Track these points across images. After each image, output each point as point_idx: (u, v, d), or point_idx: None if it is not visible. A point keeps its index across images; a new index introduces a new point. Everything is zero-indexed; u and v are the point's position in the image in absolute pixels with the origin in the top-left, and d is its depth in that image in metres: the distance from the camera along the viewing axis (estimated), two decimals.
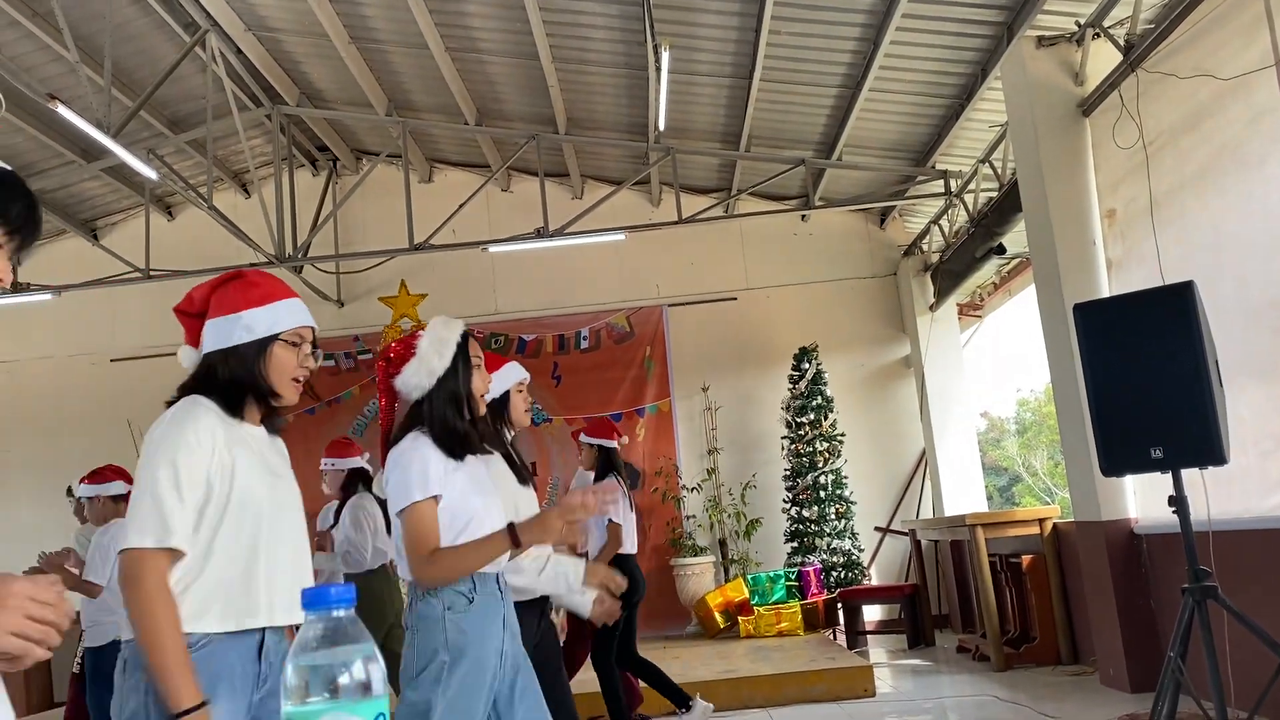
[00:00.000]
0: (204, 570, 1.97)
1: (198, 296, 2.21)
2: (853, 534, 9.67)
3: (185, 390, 2.13)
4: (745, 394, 10.59)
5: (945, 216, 9.50)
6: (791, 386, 10.07)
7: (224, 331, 2.13)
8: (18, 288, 9.25)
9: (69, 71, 7.81)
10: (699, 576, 9.90)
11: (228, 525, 2.00)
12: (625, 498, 5.46)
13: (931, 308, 10.18)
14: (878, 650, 8.75)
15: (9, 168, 1.50)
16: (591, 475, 5.53)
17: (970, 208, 8.68)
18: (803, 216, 10.62)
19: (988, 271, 9.61)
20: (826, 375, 9.99)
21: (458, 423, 2.61)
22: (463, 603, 2.47)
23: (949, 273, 9.48)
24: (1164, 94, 5.38)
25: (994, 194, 8.22)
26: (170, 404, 2.11)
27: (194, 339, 2.20)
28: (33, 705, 8.84)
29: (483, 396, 2.72)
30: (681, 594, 9.87)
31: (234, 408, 2.10)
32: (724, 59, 7.94)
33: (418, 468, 2.50)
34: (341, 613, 0.93)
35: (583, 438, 5.53)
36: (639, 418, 10.60)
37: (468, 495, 2.55)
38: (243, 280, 2.20)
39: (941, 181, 9.01)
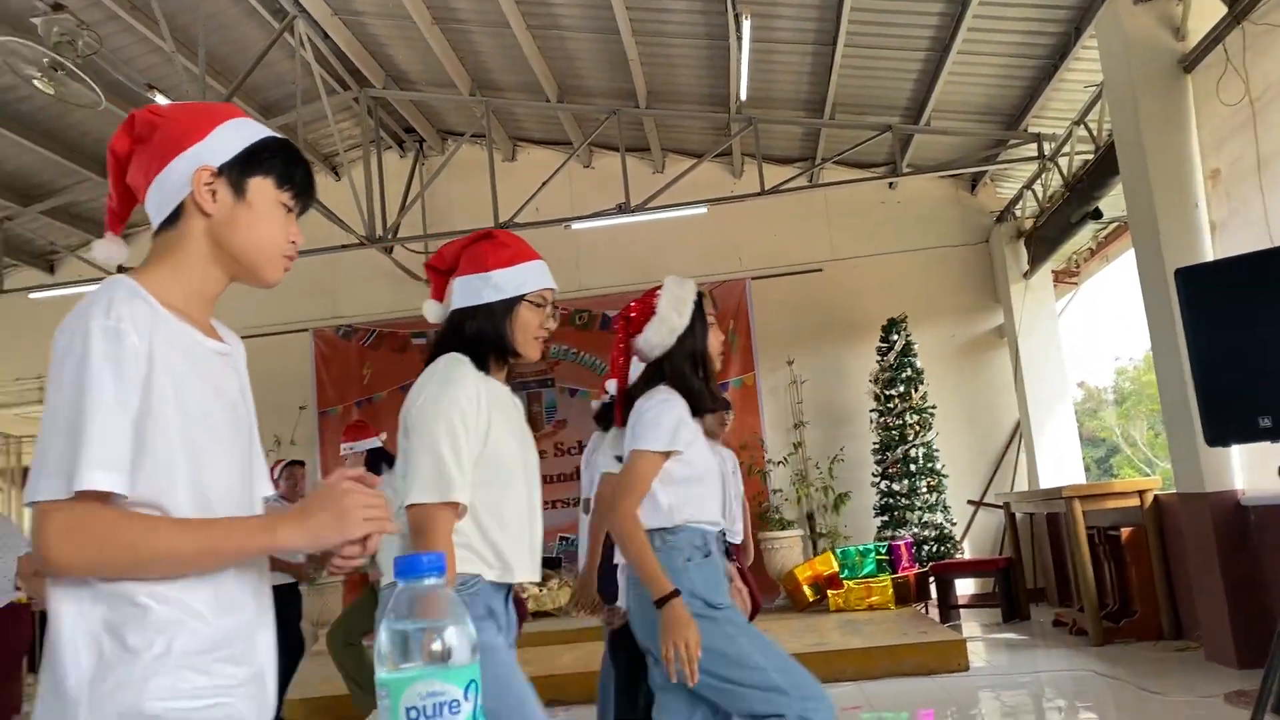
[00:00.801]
0: (466, 523, 2.06)
1: (448, 253, 2.30)
2: (945, 507, 9.52)
3: (441, 347, 2.19)
4: (832, 367, 10.47)
5: (1039, 181, 9.23)
6: (880, 359, 9.93)
7: (473, 289, 2.20)
8: (123, 271, 9.60)
9: (165, 61, 8.05)
10: (787, 550, 9.86)
11: (487, 482, 2.08)
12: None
13: (1025, 275, 9.91)
14: (971, 624, 8.62)
15: (282, 136, 1.57)
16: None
17: (1065, 171, 8.42)
18: (890, 184, 10.42)
19: (1084, 237, 9.32)
20: (916, 347, 9.82)
21: (695, 380, 2.66)
22: (699, 555, 2.57)
23: (1043, 239, 9.21)
24: (1272, 46, 5.13)
25: (1090, 157, 7.95)
26: (428, 360, 2.18)
27: (440, 294, 2.30)
28: None
29: (717, 355, 2.76)
30: (769, 567, 9.85)
31: (480, 364, 2.15)
32: (806, 25, 7.81)
33: (671, 420, 2.56)
34: (433, 580, 0.94)
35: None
36: (723, 392, 10.56)
37: (707, 456, 2.64)
38: (493, 240, 2.27)
39: (1035, 145, 8.75)
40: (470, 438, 2.04)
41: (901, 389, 9.69)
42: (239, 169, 1.50)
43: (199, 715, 1.31)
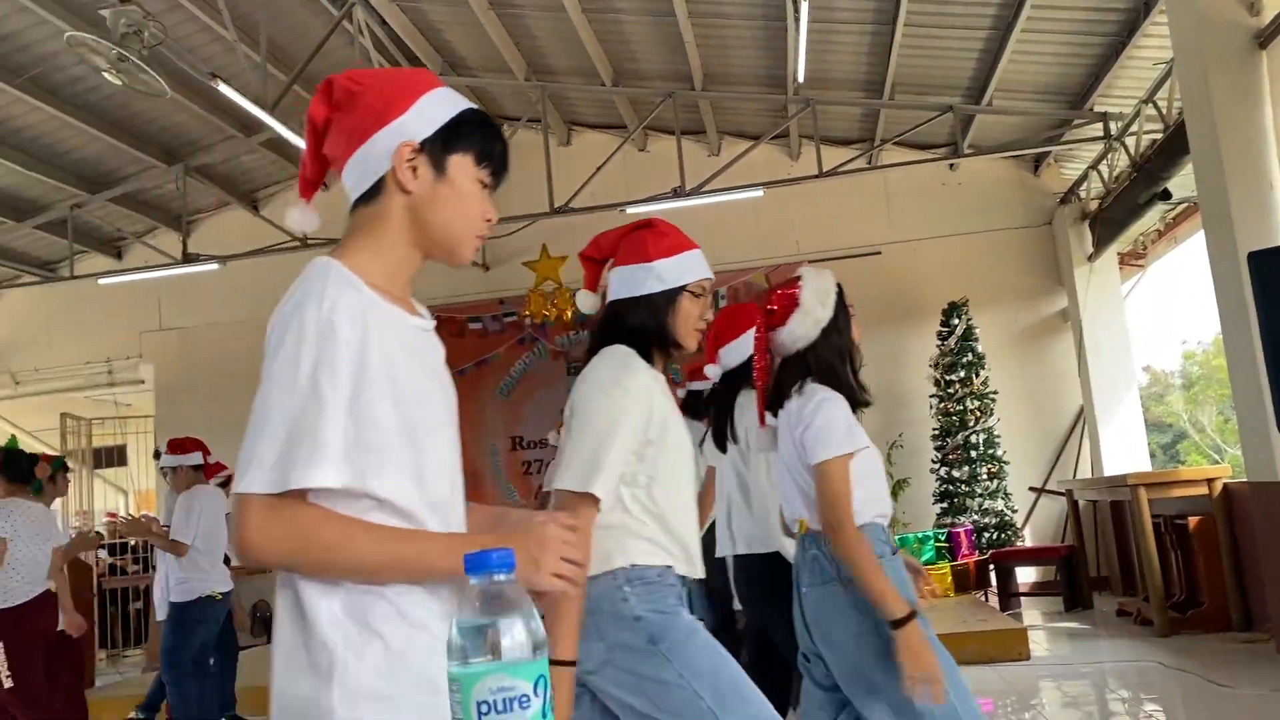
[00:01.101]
0: (650, 516, 2.03)
1: (605, 242, 2.26)
2: (1005, 494, 9.38)
3: (604, 337, 2.15)
4: (890, 351, 10.35)
5: (1105, 161, 9.00)
6: (940, 343, 9.79)
7: (635, 279, 2.16)
8: (188, 258, 9.81)
9: (227, 50, 8.17)
10: None
11: (666, 475, 2.05)
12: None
13: (1090, 258, 9.70)
14: (1032, 613, 8.49)
15: (480, 109, 1.54)
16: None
17: (1132, 151, 8.20)
18: (950, 165, 10.25)
19: (1151, 218, 9.08)
20: (978, 331, 9.66)
21: (845, 373, 2.58)
22: (888, 552, 2.50)
23: (1109, 221, 8.99)
24: None
25: (1158, 136, 7.73)
26: (590, 351, 2.15)
27: (593, 283, 2.26)
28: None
29: (858, 349, 2.67)
30: None
31: (643, 356, 2.11)
32: (865, 4, 7.69)
33: (844, 420, 2.46)
34: (502, 577, 0.94)
35: None
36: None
37: (875, 449, 2.58)
38: (654, 229, 2.22)
39: (1101, 124, 8.54)
40: (633, 433, 2.00)
41: (962, 374, 9.54)
42: (440, 145, 1.46)
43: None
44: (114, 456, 13.31)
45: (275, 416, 1.29)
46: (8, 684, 4.81)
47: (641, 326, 2.13)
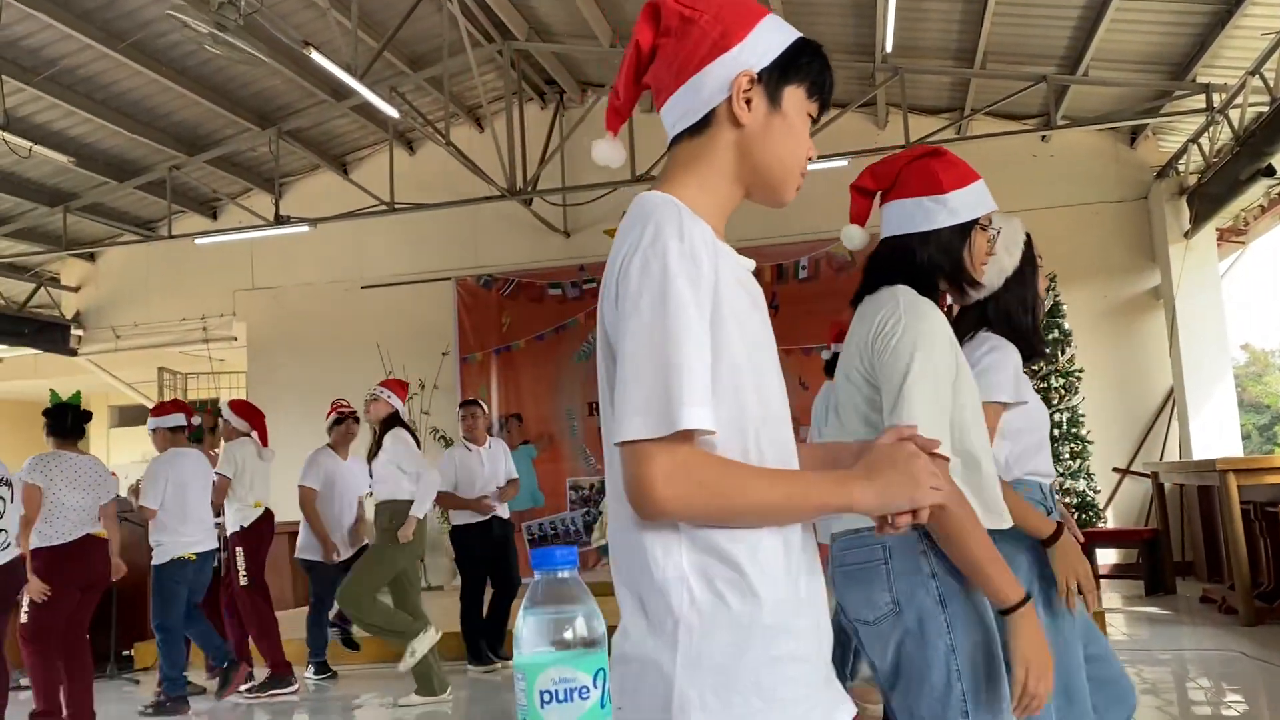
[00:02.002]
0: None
1: (882, 172, 2.09)
2: (1088, 474, 9.18)
3: (882, 274, 1.99)
4: None
5: (1206, 135, 8.67)
6: None
7: (924, 212, 1.99)
8: (280, 220, 10.07)
9: (320, 17, 8.33)
10: None
11: (964, 429, 1.92)
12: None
13: (1186, 234, 9.38)
14: (1111, 596, 8.34)
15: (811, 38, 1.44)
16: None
17: (1236, 125, 7.89)
18: (1042, 137, 9.98)
19: (1254, 194, 8.73)
20: (1065, 307, 9.43)
21: (1025, 323, 2.45)
22: (1043, 511, 2.42)
23: (1208, 196, 8.68)
24: None
25: (1264, 109, 7.43)
26: (865, 289, 2.01)
27: (863, 217, 2.09)
28: (299, 599, 9.83)
29: (1041, 301, 2.56)
30: None
31: (930, 295, 1.95)
32: None
33: (1011, 368, 2.32)
34: (565, 573, 0.99)
35: None
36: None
37: (1041, 405, 2.47)
38: (943, 158, 2.06)
39: (1203, 96, 8.22)
40: (946, 381, 1.85)
41: (1048, 351, 9.35)
42: (777, 76, 1.36)
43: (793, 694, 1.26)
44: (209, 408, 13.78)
45: (646, 355, 1.21)
46: (23, 619, 5.08)
47: (931, 263, 1.96)
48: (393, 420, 6.01)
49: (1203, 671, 5.60)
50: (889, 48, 7.73)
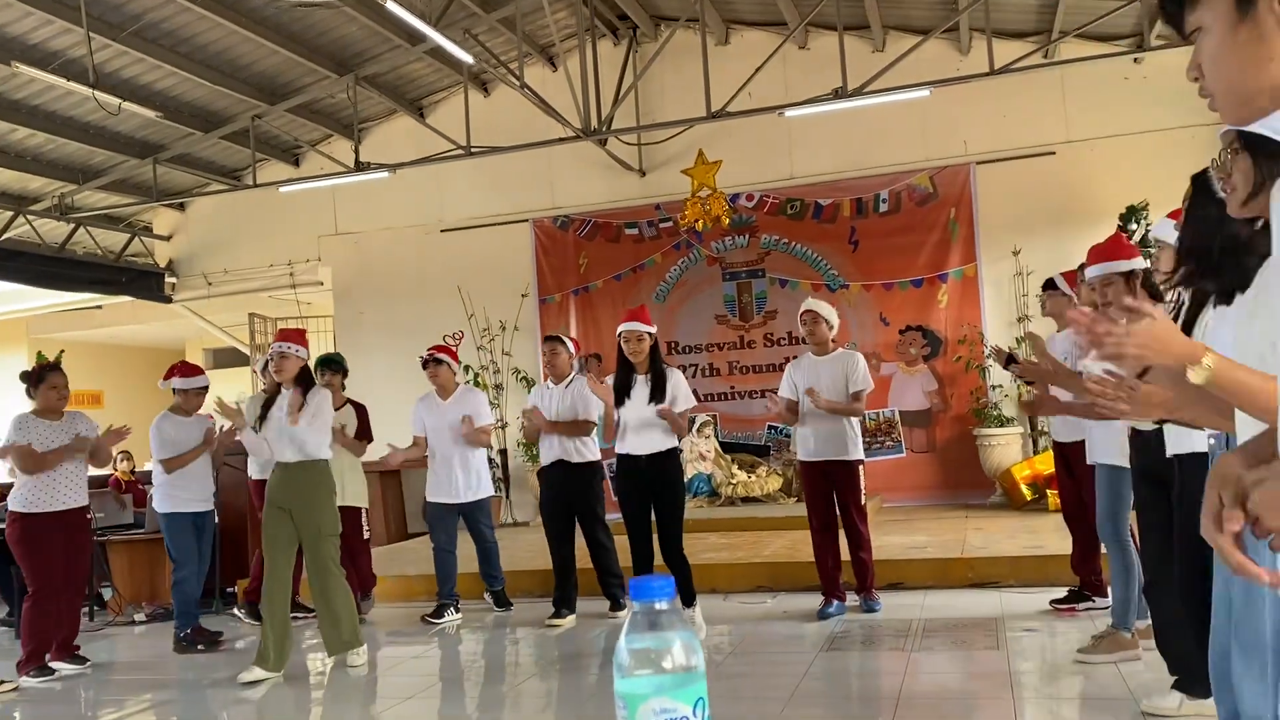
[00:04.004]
0: None
1: None
2: None
3: None
4: (1062, 257, 9.81)
5: None
6: None
7: None
8: (360, 166, 10.21)
9: None
10: (1005, 448, 9.58)
11: None
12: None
13: None
14: None
15: None
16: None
17: None
18: (1135, 59, 9.55)
19: None
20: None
21: None
22: None
23: None
24: None
25: None
26: None
27: None
28: (392, 536, 10.15)
29: None
30: (985, 464, 9.62)
31: None
32: None
33: None
34: (663, 604, 1.01)
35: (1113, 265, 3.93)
36: (941, 283, 10.21)
37: None
38: None
39: None
40: None
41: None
42: None
43: None
44: None
45: None
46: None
47: None
48: (307, 377, 5.58)
49: None
50: None
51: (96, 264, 12.31)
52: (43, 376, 5.82)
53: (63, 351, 6.28)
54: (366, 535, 7.00)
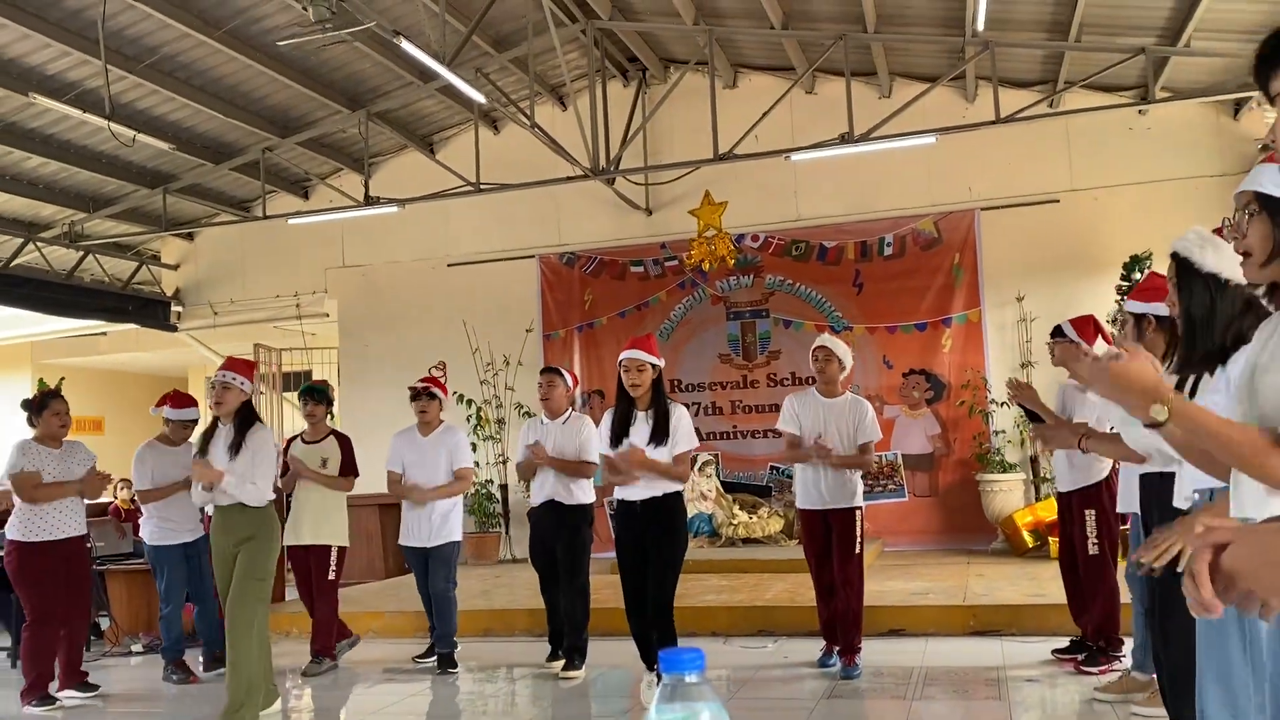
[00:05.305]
0: None
1: None
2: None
3: None
4: (1065, 305, 9.88)
5: None
6: (1119, 298, 9.31)
7: None
8: (369, 200, 10.28)
9: (406, 0, 8.45)
10: (1007, 494, 9.57)
11: None
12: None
13: None
14: None
15: None
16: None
17: None
18: (1140, 110, 9.64)
19: None
20: None
21: None
22: None
23: None
24: None
25: None
26: None
27: None
28: (390, 570, 10.11)
29: None
30: (987, 509, 9.60)
31: None
32: None
33: None
34: (693, 677, 1.04)
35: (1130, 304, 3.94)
36: (945, 328, 10.25)
37: None
38: None
39: None
40: None
41: None
42: None
43: None
44: (301, 383, 14.16)
45: None
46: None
47: None
48: (248, 412, 5.14)
49: None
50: (980, 26, 7.54)
51: (103, 291, 12.36)
52: (45, 404, 5.83)
53: (63, 379, 6.30)
54: (332, 576, 6.35)
